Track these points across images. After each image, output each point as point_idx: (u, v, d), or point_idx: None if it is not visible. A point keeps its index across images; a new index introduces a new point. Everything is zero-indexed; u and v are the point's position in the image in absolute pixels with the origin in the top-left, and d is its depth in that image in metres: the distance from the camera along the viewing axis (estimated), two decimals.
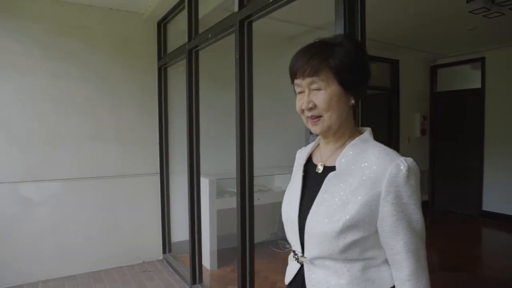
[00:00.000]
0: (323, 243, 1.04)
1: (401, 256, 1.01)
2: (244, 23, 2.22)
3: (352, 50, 1.06)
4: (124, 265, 3.87)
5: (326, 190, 1.07)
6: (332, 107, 1.06)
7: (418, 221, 1.01)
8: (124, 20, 3.79)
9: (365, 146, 1.08)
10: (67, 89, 3.56)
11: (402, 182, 0.98)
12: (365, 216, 1.00)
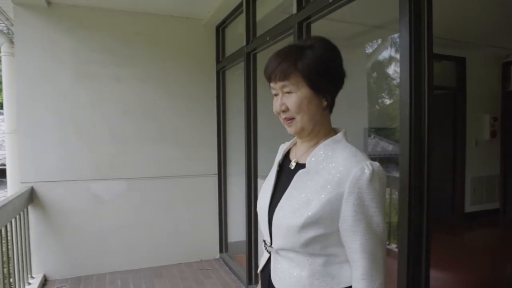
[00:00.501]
0: (287, 236, 1.09)
1: (357, 255, 1.03)
2: (303, 24, 2.21)
3: (321, 52, 1.08)
4: (183, 262, 4.01)
5: (294, 186, 1.11)
6: (303, 109, 1.09)
7: (378, 223, 1.04)
8: (184, 26, 3.94)
9: (336, 146, 1.11)
10: (131, 93, 3.78)
11: (365, 184, 1.01)
12: (327, 214, 1.03)
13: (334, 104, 1.18)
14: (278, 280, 1.17)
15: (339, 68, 1.13)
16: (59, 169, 3.54)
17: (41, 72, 3.47)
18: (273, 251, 1.17)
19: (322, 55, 1.09)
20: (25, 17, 3.41)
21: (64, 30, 3.53)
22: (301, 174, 1.13)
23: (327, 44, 1.13)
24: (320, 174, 1.08)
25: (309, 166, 1.12)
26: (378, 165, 1.05)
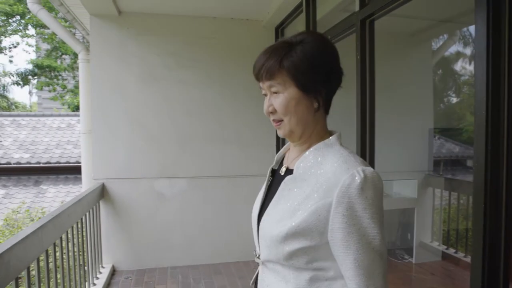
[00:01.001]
0: (271, 247, 1.01)
1: (351, 272, 0.92)
2: (366, 22, 2.14)
3: (310, 49, 0.98)
4: (241, 261, 4.07)
5: (281, 194, 1.03)
6: (290, 111, 1.00)
7: (375, 236, 0.92)
8: (244, 28, 4.00)
9: (327, 151, 1.01)
10: (195, 95, 3.91)
11: (355, 193, 0.90)
12: (312, 225, 0.94)
13: (330, 105, 1.07)
14: None
15: (332, 66, 1.02)
16: (127, 167, 3.77)
17: (112, 77, 3.72)
18: (260, 262, 1.10)
19: (311, 52, 0.98)
20: (99, 26, 3.67)
21: (133, 37, 3.75)
22: (288, 181, 1.03)
23: (318, 39, 1.03)
24: (307, 181, 0.98)
25: (296, 172, 1.03)
26: (371, 171, 0.94)
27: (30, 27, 14.63)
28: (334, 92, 1.07)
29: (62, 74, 15.22)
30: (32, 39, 16.15)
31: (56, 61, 14.95)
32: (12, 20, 14.12)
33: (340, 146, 1.04)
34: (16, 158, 9.87)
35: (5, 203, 8.84)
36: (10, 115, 12.25)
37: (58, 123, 11.57)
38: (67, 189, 9.58)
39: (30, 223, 6.14)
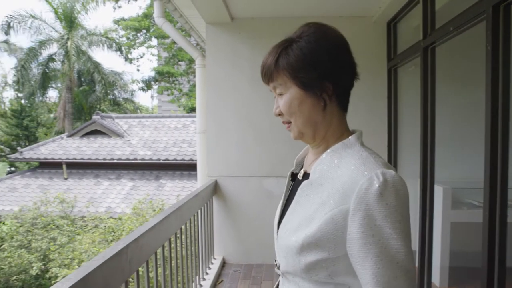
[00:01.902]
0: (287, 258, 0.92)
1: (369, 286, 0.81)
2: (500, 7, 1.90)
3: (306, 44, 0.91)
4: None
5: (297, 201, 0.95)
6: (294, 111, 0.94)
7: (399, 249, 0.80)
8: (353, 25, 3.89)
9: (346, 152, 0.92)
10: None
11: (373, 199, 0.80)
12: (329, 235, 0.84)
13: (347, 101, 1.00)
14: None
15: (336, 58, 0.93)
16: (239, 166, 3.96)
17: (226, 80, 3.95)
18: (280, 273, 1.01)
19: (307, 47, 0.91)
20: (213, 33, 3.93)
21: (244, 41, 3.92)
22: (304, 187, 0.95)
23: (318, 32, 0.94)
24: (324, 186, 0.89)
25: (313, 176, 0.94)
26: (393, 174, 0.83)
27: (153, 39, 16.39)
28: (349, 86, 0.99)
29: (179, 79, 16.71)
30: (155, 49, 18.06)
31: (174, 68, 16.48)
32: (139, 34, 15.98)
33: (360, 147, 0.94)
34: (141, 154, 11.15)
35: (133, 194, 10.06)
36: (137, 117, 13.87)
37: (175, 124, 12.73)
38: (182, 184, 10.49)
39: (152, 212, 6.87)
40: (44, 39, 19.94)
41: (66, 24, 19.85)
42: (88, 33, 20.56)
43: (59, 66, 20.77)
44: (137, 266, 1.74)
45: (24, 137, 23.97)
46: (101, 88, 20.90)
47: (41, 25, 19.78)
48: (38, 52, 19.86)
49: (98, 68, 20.42)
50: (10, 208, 9.34)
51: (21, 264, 6.71)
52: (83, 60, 20.27)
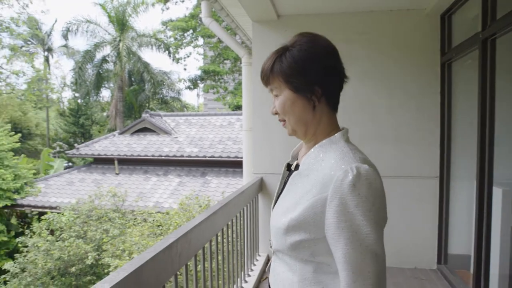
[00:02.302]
0: (277, 238, 1.08)
1: (339, 266, 0.96)
2: None
3: (297, 52, 1.04)
4: (393, 266, 3.83)
5: (288, 188, 1.10)
6: (287, 111, 1.08)
7: (368, 234, 0.93)
8: (404, 19, 3.74)
9: (330, 148, 1.05)
10: (350, 92, 3.82)
11: (347, 189, 0.93)
12: (309, 218, 0.98)
13: (337, 102, 1.13)
14: (273, 281, 1.15)
15: (324, 65, 1.05)
16: (284, 163, 3.94)
17: None
18: (272, 252, 1.16)
19: (298, 55, 1.04)
20: (260, 31, 3.94)
21: (290, 38, 3.90)
22: (294, 176, 1.09)
23: (308, 41, 1.07)
24: (309, 177, 1.03)
25: (301, 168, 1.08)
26: (366, 168, 0.96)
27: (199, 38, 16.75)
28: (337, 89, 1.11)
29: (224, 78, 16.97)
30: (201, 49, 18.46)
31: (219, 66, 16.75)
32: (186, 34, 16.40)
33: (344, 143, 1.07)
34: (188, 151, 11.45)
35: (179, 190, 10.36)
36: (184, 115, 14.26)
37: (220, 122, 12.94)
38: (227, 181, 10.65)
39: (198, 208, 7.04)
40: (98, 42, 21.07)
41: (118, 27, 20.82)
42: (138, 35, 21.45)
43: (111, 67, 21.85)
44: (186, 260, 1.79)
45: (80, 134, 25.48)
46: (150, 87, 21.74)
47: (96, 29, 20.92)
48: (93, 54, 21.01)
49: (147, 68, 21.25)
50: (68, 200, 9.97)
51: (78, 253, 7.14)
52: (134, 60, 21.18)
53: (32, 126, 27.06)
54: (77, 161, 19.14)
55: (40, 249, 7.30)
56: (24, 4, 18.12)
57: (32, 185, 11.25)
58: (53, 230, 7.86)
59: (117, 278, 1.17)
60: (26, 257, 7.40)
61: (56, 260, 7.12)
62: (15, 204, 10.47)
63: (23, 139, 18.00)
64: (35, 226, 7.87)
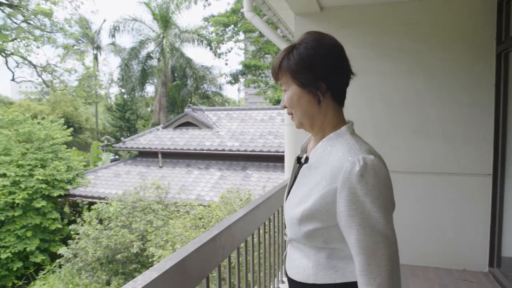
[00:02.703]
0: (291, 228, 1.15)
1: (354, 251, 1.02)
2: None
3: (303, 50, 1.10)
4: (441, 267, 3.68)
5: (299, 181, 1.16)
6: (294, 105, 1.14)
7: (378, 219, 0.99)
8: (456, 6, 3.54)
9: (337, 140, 1.11)
10: (394, 85, 3.72)
11: (355, 179, 1.00)
12: (321, 208, 1.05)
13: (343, 97, 1.20)
14: (290, 268, 1.22)
15: (329, 62, 1.11)
16: None
17: None
18: (288, 240, 1.24)
19: (305, 53, 1.10)
20: (302, 24, 3.89)
21: (333, 31, 3.78)
22: (304, 169, 1.16)
23: (315, 39, 1.13)
24: (319, 169, 1.10)
25: (311, 160, 1.15)
26: (372, 158, 1.03)
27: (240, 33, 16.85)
28: (342, 85, 1.18)
29: (265, 72, 16.97)
30: (242, 43, 18.57)
31: (260, 61, 16.77)
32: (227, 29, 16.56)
33: (350, 136, 1.14)
34: (229, 146, 11.59)
35: (221, 183, 10.52)
36: (225, 109, 14.42)
37: (261, 116, 12.98)
38: (267, 175, 10.67)
39: (239, 202, 7.12)
40: (143, 39, 21.78)
41: (161, 24, 21.40)
42: (181, 31, 21.92)
43: (155, 63, 22.52)
44: (229, 252, 1.81)
45: (126, 129, 26.54)
46: (192, 83, 22.19)
47: (140, 27, 21.63)
48: (138, 51, 21.75)
49: (189, 63, 21.70)
50: (115, 191, 10.43)
51: (124, 242, 7.46)
52: (176, 56, 21.69)
53: (83, 120, 28.55)
54: (123, 154, 19.95)
55: (90, 237, 7.70)
56: (76, 5, 19.07)
57: (83, 177, 11.87)
58: (102, 220, 8.25)
59: (164, 267, 1.20)
60: (78, 244, 7.84)
61: (104, 248, 7.49)
62: (68, 194, 11.10)
63: (74, 133, 19.04)
64: (86, 215, 8.31)
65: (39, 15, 16.19)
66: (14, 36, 15.85)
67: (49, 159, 11.11)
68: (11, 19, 16.03)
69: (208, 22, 17.98)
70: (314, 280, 1.13)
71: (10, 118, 11.72)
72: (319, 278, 1.12)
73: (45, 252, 10.15)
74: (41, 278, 8.64)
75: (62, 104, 26.03)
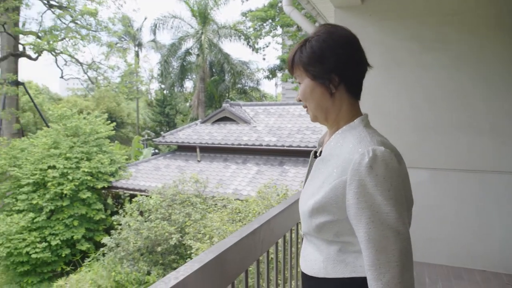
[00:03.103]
0: (304, 221, 1.14)
1: (363, 245, 1.00)
2: None
3: (316, 43, 1.10)
4: (488, 270, 3.51)
5: (312, 174, 1.16)
6: (307, 98, 1.15)
7: (389, 213, 0.97)
8: None
9: (350, 133, 1.10)
10: (438, 78, 3.56)
11: (364, 171, 0.98)
12: (332, 200, 1.04)
13: (359, 89, 1.17)
14: (303, 261, 1.23)
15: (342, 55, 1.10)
16: None
17: None
18: (302, 234, 1.25)
19: (317, 46, 1.10)
20: (342, 17, 3.81)
21: (374, 23, 3.71)
22: (318, 162, 1.16)
23: (327, 32, 1.13)
24: (331, 161, 1.09)
25: (324, 153, 1.15)
26: (382, 150, 1.00)
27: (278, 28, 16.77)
28: (356, 77, 1.16)
29: None
30: (279, 38, 18.48)
31: None
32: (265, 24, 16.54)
33: (363, 128, 1.12)
34: (266, 140, 11.61)
35: (257, 178, 10.57)
36: (262, 104, 14.45)
37: (299, 111, 12.88)
38: (304, 170, 10.59)
39: (276, 197, 7.12)
40: (182, 35, 22.20)
41: (200, 20, 21.72)
42: (219, 27, 22.14)
43: (194, 59, 22.92)
44: (267, 246, 1.81)
45: (166, 123, 27.27)
46: (230, 78, 22.39)
47: (180, 23, 22.09)
48: (177, 48, 22.23)
49: (227, 59, 21.90)
50: (155, 184, 10.76)
51: (163, 234, 7.69)
52: (215, 52, 21.96)
53: (124, 115, 29.62)
54: (162, 148, 20.52)
55: (131, 227, 8.00)
56: (119, 4, 19.77)
57: (125, 169, 12.33)
58: (142, 211, 8.55)
59: (205, 259, 1.23)
60: (120, 234, 8.17)
61: (144, 238, 7.75)
62: (110, 186, 11.58)
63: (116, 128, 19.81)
64: (127, 207, 8.64)
65: (86, 15, 16.92)
66: (63, 36, 16.66)
67: (94, 153, 11.63)
68: (61, 20, 16.86)
69: (246, 17, 18.04)
70: (325, 274, 1.12)
71: (59, 113, 12.35)
72: (329, 272, 1.11)
73: (90, 240, 10.67)
74: (86, 265, 9.10)
75: (105, 100, 27.14)
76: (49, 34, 16.13)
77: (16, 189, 10.65)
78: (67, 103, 24.72)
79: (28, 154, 11.13)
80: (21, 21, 15.99)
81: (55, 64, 18.21)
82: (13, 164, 11.01)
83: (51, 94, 31.91)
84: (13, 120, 15.43)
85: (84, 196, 10.61)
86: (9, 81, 14.80)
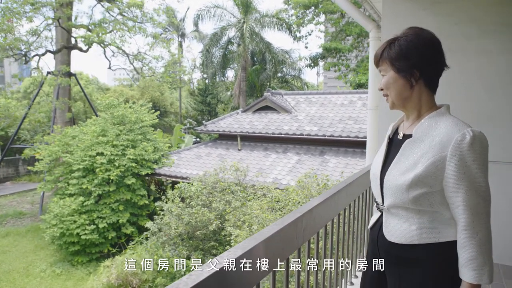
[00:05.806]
0: (396, 195, 1.34)
1: (459, 210, 1.24)
2: None
3: (404, 42, 1.33)
4: None
5: (402, 153, 1.37)
6: (389, 87, 1.38)
7: (481, 183, 1.22)
8: None
9: (440, 118, 1.33)
10: (497, 66, 3.31)
11: (466, 147, 1.21)
12: (431, 173, 1.26)
13: (436, 85, 1.40)
14: (389, 233, 1.40)
15: (424, 54, 1.32)
16: None
17: None
18: (385, 209, 1.43)
19: (405, 44, 1.32)
20: (392, 1, 3.62)
21: (428, 7, 3.50)
22: (408, 143, 1.35)
23: (414, 34, 1.34)
24: (424, 142, 1.30)
25: (415, 135, 1.34)
26: (479, 131, 1.24)
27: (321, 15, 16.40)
28: (435, 74, 1.38)
29: (346, 55, 16.37)
30: (322, 26, 18.08)
31: (341, 43, 16.20)
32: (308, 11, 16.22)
33: (450, 115, 1.35)
34: (307, 130, 11.47)
35: (298, 167, 10.49)
36: (304, 94, 14.25)
37: (341, 100, 12.59)
38: (346, 161, 10.38)
39: (316, 187, 7.03)
40: (225, 25, 22.29)
41: (242, 9, 21.68)
42: (261, 16, 22.00)
43: (235, 48, 22.99)
44: (309, 235, 1.78)
45: (207, 112, 27.69)
46: (271, 67, 22.27)
47: (222, 13, 22.15)
48: (219, 37, 22.37)
49: (269, 48, 21.77)
50: (196, 172, 10.97)
51: (203, 220, 7.85)
52: (256, 41, 21.89)
53: (167, 104, 30.38)
54: (204, 136, 20.88)
55: (173, 213, 8.23)
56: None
57: (167, 157, 12.68)
58: (184, 198, 8.76)
59: (248, 246, 1.21)
60: (162, 219, 8.43)
61: (185, 224, 7.95)
62: (154, 173, 11.95)
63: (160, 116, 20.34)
64: (169, 193, 8.88)
65: (132, 7, 17.39)
66: (111, 28, 17.25)
67: (138, 140, 12.04)
68: (109, 13, 17.46)
69: (288, 5, 17.77)
70: (419, 240, 1.33)
71: (107, 102, 12.87)
72: (423, 239, 1.32)
73: (134, 225, 11.11)
74: (130, 248, 9.49)
75: (150, 90, 27.94)
76: (98, 27, 16.76)
77: (68, 174, 11.26)
78: (114, 93, 25.72)
79: (78, 141, 11.72)
80: (73, 15, 16.71)
81: (103, 55, 18.88)
82: (65, 151, 11.65)
83: (100, 84, 33.32)
84: (65, 109, 16.26)
85: (129, 182, 11.03)
86: (62, 73, 15.57)
